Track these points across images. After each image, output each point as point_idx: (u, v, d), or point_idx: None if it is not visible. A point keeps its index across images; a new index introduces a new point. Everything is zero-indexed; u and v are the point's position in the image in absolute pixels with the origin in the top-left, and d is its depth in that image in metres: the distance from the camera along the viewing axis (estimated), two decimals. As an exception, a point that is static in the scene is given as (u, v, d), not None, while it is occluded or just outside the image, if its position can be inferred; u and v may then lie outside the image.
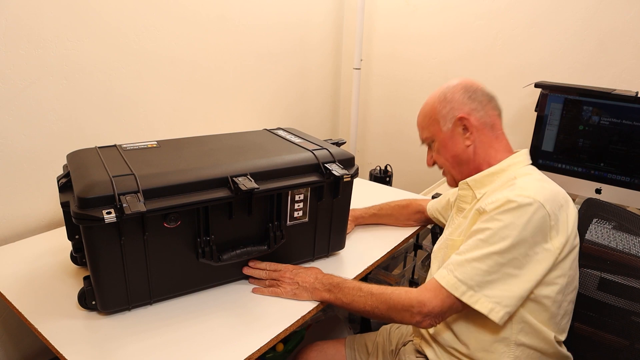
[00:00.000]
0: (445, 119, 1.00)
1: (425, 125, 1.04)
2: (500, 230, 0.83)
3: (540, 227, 0.82)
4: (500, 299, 0.82)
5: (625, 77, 1.65)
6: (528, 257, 0.82)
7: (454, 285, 0.84)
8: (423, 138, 1.07)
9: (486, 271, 0.83)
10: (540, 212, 0.82)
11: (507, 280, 0.83)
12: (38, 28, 1.22)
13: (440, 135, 1.02)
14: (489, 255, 0.83)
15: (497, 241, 0.83)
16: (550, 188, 0.88)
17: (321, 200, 1.08)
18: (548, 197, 0.84)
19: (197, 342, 0.88)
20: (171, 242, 0.94)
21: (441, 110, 1.01)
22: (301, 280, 1.01)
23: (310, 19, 2.11)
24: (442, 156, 1.03)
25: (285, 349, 1.46)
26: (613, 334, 0.99)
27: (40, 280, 1.06)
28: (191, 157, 1.02)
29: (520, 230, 0.81)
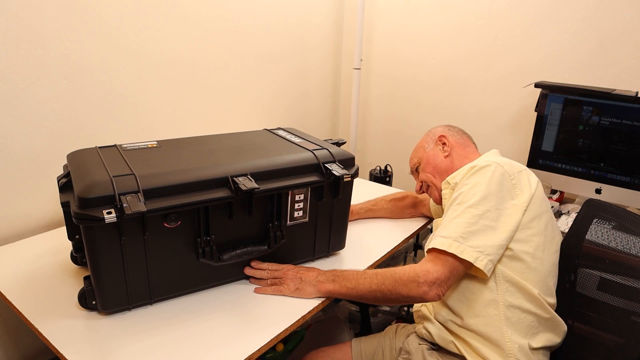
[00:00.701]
0: (429, 143, 1.24)
1: (414, 155, 1.28)
2: (470, 190, 0.96)
3: (502, 183, 0.96)
4: (482, 248, 0.90)
5: (625, 77, 1.65)
6: (499, 210, 0.94)
7: (442, 242, 0.92)
8: (412, 165, 1.27)
9: (466, 223, 0.93)
10: (499, 170, 0.97)
11: (486, 231, 0.92)
12: (38, 28, 1.22)
13: (425, 155, 1.23)
14: (465, 210, 0.94)
15: (469, 198, 0.95)
16: (506, 159, 1.03)
17: (321, 200, 1.08)
18: (504, 162, 1.00)
19: (197, 342, 0.88)
20: (171, 242, 0.94)
21: (426, 139, 1.26)
22: (304, 276, 1.03)
23: (310, 19, 2.11)
24: (425, 172, 1.21)
25: (285, 349, 1.46)
26: (613, 334, 0.99)
27: (40, 280, 1.06)
28: (191, 157, 1.02)
29: (486, 186, 0.95)
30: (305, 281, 1.02)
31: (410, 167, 1.28)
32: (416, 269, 0.92)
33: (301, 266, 1.08)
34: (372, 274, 0.97)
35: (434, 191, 1.21)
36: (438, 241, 0.93)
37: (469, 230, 0.92)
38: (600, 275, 1.02)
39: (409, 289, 0.91)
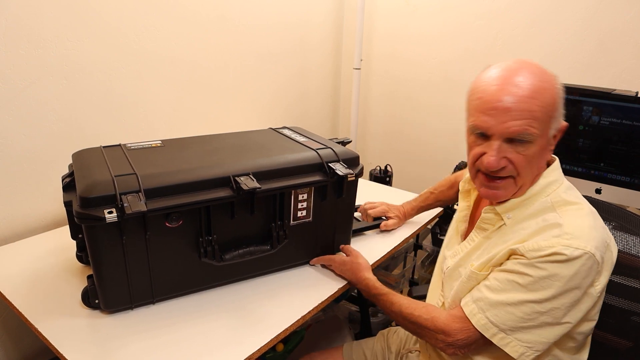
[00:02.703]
0: (555, 123, 0.81)
1: (542, 117, 0.77)
2: (543, 280, 0.75)
3: (587, 276, 0.75)
4: (532, 344, 0.78)
5: (625, 77, 1.65)
6: (570, 306, 0.76)
7: (485, 326, 0.80)
8: (526, 132, 0.77)
9: (521, 318, 0.77)
10: (589, 262, 0.74)
11: (543, 327, 0.77)
12: (38, 28, 1.22)
13: (544, 140, 0.80)
14: (526, 302, 0.77)
15: (538, 289, 0.76)
16: (598, 226, 0.79)
17: (325, 200, 1.08)
18: (598, 240, 0.76)
19: (198, 342, 0.88)
20: (173, 241, 0.93)
21: (558, 107, 0.81)
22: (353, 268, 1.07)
23: (310, 19, 2.11)
24: (531, 167, 0.82)
25: (285, 349, 1.46)
26: (614, 335, 0.99)
27: (42, 280, 1.06)
28: (194, 156, 1.02)
29: (566, 282, 0.74)
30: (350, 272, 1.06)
31: (513, 130, 0.77)
32: (438, 325, 0.85)
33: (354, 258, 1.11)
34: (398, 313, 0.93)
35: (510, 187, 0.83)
36: (481, 320, 0.81)
37: (523, 325, 0.78)
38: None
39: (429, 338, 0.88)
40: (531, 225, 0.82)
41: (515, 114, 0.77)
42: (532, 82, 0.77)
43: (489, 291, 0.82)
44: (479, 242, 0.91)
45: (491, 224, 0.90)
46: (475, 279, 0.87)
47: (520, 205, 0.85)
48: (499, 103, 0.77)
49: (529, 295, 0.77)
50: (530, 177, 0.83)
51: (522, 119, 0.77)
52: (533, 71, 0.79)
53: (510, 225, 0.85)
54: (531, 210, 0.83)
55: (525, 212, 0.84)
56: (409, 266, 1.91)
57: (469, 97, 0.85)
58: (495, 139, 0.80)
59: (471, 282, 0.88)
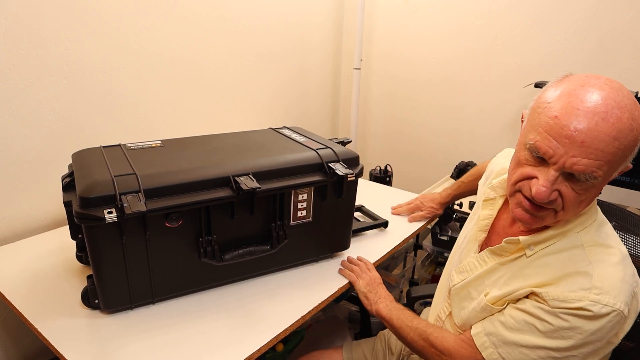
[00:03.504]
0: (625, 164, 0.71)
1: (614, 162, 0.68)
2: (564, 331, 0.71)
3: (612, 330, 0.70)
4: None
5: (625, 77, 1.65)
6: (588, 354, 0.72)
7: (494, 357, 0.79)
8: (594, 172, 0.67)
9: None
10: (617, 319, 0.69)
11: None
12: (38, 28, 1.22)
13: (605, 181, 0.71)
14: (542, 348, 0.73)
15: (557, 338, 0.71)
16: (629, 276, 0.72)
17: (325, 200, 1.08)
18: (627, 294, 0.70)
19: (198, 342, 0.88)
20: (173, 241, 0.93)
21: (634, 150, 0.69)
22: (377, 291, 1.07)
23: (310, 19, 2.11)
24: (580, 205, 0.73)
25: (285, 349, 1.46)
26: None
27: (42, 280, 1.06)
28: (194, 156, 1.02)
29: (588, 335, 0.69)
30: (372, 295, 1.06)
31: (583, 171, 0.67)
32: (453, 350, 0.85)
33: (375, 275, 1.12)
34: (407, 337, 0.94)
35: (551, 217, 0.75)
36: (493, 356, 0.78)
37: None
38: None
39: (433, 356, 0.89)
40: (555, 262, 0.76)
41: (589, 152, 0.66)
42: (622, 119, 0.65)
43: (503, 328, 0.78)
44: (493, 267, 0.86)
45: (509, 252, 0.84)
46: (489, 312, 0.83)
47: (544, 241, 0.79)
48: (576, 133, 0.66)
49: (546, 342, 0.72)
50: (573, 214, 0.75)
51: (595, 159, 0.66)
52: (626, 105, 0.66)
53: (532, 259, 0.80)
54: (558, 246, 0.77)
55: (552, 247, 0.78)
56: (409, 266, 1.91)
57: (539, 108, 0.73)
58: (554, 169, 0.70)
59: (485, 314, 0.84)
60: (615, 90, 0.67)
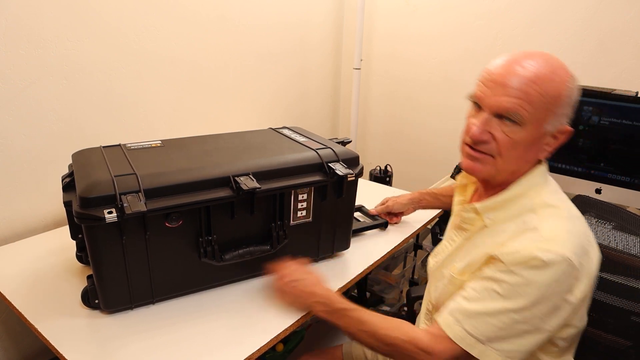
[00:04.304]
0: (555, 120, 0.78)
1: (536, 103, 0.75)
2: (520, 287, 0.74)
3: (565, 282, 0.73)
4: (510, 353, 0.75)
5: (625, 77, 1.65)
6: (548, 313, 0.74)
7: (462, 337, 0.77)
8: (516, 111, 0.76)
9: (499, 327, 0.75)
10: (567, 269, 0.72)
11: (522, 336, 0.75)
12: (38, 28, 1.22)
13: (536, 130, 0.78)
14: (503, 311, 0.75)
15: (515, 297, 0.74)
16: (576, 230, 0.77)
17: (325, 200, 1.08)
18: (576, 245, 0.74)
19: (198, 342, 0.88)
20: (173, 241, 0.93)
21: (563, 106, 0.77)
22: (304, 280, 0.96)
23: (310, 19, 2.11)
24: (514, 151, 0.79)
25: (285, 349, 1.46)
26: (613, 334, 0.99)
27: (42, 280, 1.06)
28: (194, 156, 1.02)
29: (543, 289, 0.72)
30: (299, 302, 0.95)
31: (503, 106, 0.76)
32: (416, 344, 0.79)
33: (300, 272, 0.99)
34: (368, 331, 0.84)
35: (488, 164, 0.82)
36: (458, 332, 0.77)
37: (501, 335, 0.75)
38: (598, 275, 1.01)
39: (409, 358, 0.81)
40: (511, 227, 0.80)
41: (510, 91, 0.76)
42: (540, 68, 0.75)
43: (465, 301, 0.79)
44: (461, 244, 0.91)
45: (472, 225, 0.88)
46: (455, 284, 0.86)
47: (501, 207, 0.83)
48: (497, 76, 0.77)
49: (506, 304, 0.75)
50: (511, 165, 0.81)
51: (515, 97, 0.75)
52: (549, 62, 0.76)
53: (491, 227, 0.84)
54: (512, 211, 0.82)
55: (505, 213, 0.83)
56: (409, 266, 1.91)
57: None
58: (485, 111, 0.79)
59: (451, 287, 0.87)
60: (545, 53, 0.78)
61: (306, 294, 0.93)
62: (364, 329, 0.85)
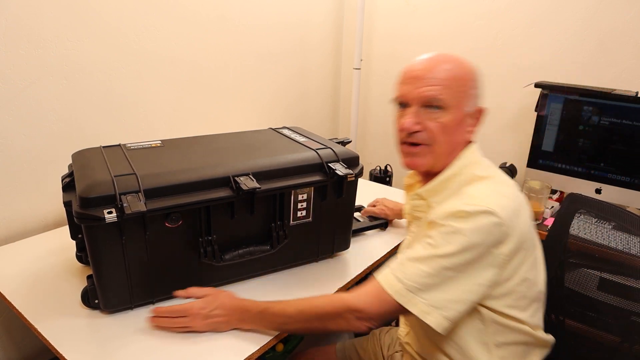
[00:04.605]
0: (471, 101, 0.87)
1: (451, 86, 0.84)
2: (447, 235, 0.78)
3: (490, 233, 0.77)
4: (437, 303, 0.77)
5: (625, 77, 1.65)
6: (474, 261, 0.77)
7: (391, 284, 0.80)
8: (435, 97, 0.84)
9: (428, 273, 0.78)
10: (491, 219, 0.77)
11: (448, 284, 0.78)
12: (38, 28, 1.22)
13: (458, 112, 0.85)
14: (432, 257, 0.78)
15: (443, 245, 0.78)
16: (506, 192, 0.83)
17: (325, 200, 1.08)
18: (503, 203, 0.79)
19: (198, 342, 0.88)
20: (173, 241, 0.93)
21: (473, 87, 0.87)
22: (215, 315, 0.90)
23: (310, 19, 2.11)
24: (445, 135, 0.86)
25: (285, 349, 1.46)
26: (614, 334, 0.99)
27: (42, 280, 1.06)
28: (194, 156, 1.02)
29: (468, 236, 0.77)
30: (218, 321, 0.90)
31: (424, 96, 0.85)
32: (348, 304, 0.82)
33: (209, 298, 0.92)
34: (295, 313, 0.86)
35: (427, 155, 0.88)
36: (389, 279, 0.81)
37: (428, 282, 0.78)
38: (587, 271, 1.02)
39: (339, 325, 0.83)
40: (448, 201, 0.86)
41: (427, 81, 0.84)
42: (449, 59, 0.87)
43: (403, 256, 0.83)
44: (418, 231, 0.94)
45: (423, 211, 0.93)
46: None
47: (441, 188, 0.89)
48: (415, 72, 0.87)
49: (435, 251, 0.79)
50: (446, 148, 0.87)
51: (435, 85, 0.84)
52: (450, 57, 0.88)
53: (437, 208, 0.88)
54: (451, 190, 0.88)
55: (446, 193, 0.88)
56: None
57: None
58: (412, 105, 0.87)
59: None
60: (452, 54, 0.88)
61: (226, 319, 0.91)
62: (291, 315, 0.87)
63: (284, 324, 0.88)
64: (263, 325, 0.90)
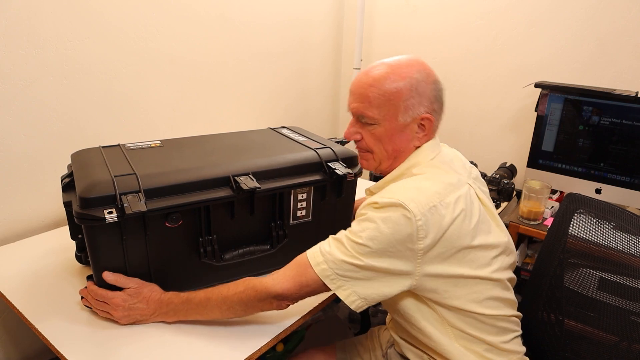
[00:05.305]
0: (407, 112, 0.89)
1: (378, 103, 0.89)
2: (362, 221, 0.83)
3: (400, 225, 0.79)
4: (341, 271, 0.82)
5: (625, 77, 1.65)
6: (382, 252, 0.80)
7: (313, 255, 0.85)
8: (363, 114, 0.90)
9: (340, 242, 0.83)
10: (402, 213, 0.79)
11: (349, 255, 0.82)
12: (38, 28, 1.22)
13: (392, 124, 0.90)
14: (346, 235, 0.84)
15: (355, 225, 0.84)
16: (427, 189, 0.83)
17: (324, 200, 1.08)
18: (414, 197, 0.81)
19: (197, 342, 0.88)
20: (173, 241, 0.93)
21: (408, 99, 0.89)
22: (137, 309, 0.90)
23: (310, 19, 2.11)
24: (381, 144, 0.92)
25: (285, 349, 1.46)
26: (613, 334, 0.99)
27: (42, 280, 1.06)
28: (194, 156, 1.02)
29: (378, 224, 0.80)
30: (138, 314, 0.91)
31: (357, 111, 0.92)
32: (270, 290, 0.85)
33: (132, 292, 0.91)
34: (219, 302, 0.88)
35: (373, 163, 0.97)
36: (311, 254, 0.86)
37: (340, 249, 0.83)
38: (586, 271, 1.02)
39: (262, 309, 0.88)
40: None
41: (356, 97, 0.92)
42: (381, 72, 0.89)
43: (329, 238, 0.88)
44: None
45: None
46: None
47: (387, 186, 0.92)
48: (352, 86, 0.93)
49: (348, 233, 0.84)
50: (384, 154, 0.94)
51: (359, 102, 0.91)
52: (392, 65, 0.90)
53: None
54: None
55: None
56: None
57: None
58: (353, 116, 0.95)
59: None
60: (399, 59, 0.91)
61: (148, 312, 0.91)
62: (214, 304, 0.89)
63: (208, 312, 0.90)
64: (187, 315, 0.91)
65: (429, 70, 0.93)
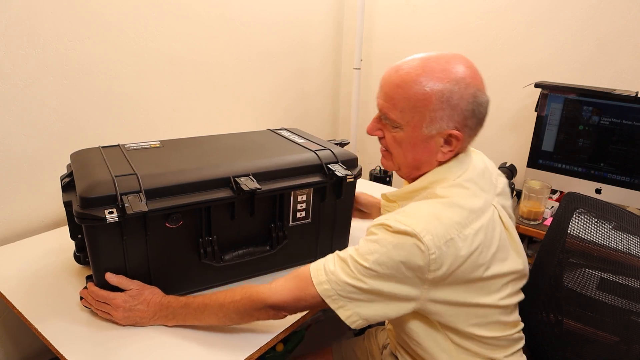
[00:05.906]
0: (433, 123, 0.80)
1: (402, 107, 0.81)
2: (370, 241, 0.78)
3: (409, 254, 0.74)
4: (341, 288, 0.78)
5: (625, 77, 1.65)
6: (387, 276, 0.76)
7: (317, 270, 0.81)
8: (386, 114, 0.83)
9: (343, 262, 0.79)
10: (414, 242, 0.73)
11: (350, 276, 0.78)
12: (38, 28, 1.22)
13: (415, 132, 0.82)
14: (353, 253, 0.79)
15: (363, 245, 0.79)
16: (446, 218, 0.77)
17: (324, 201, 1.08)
18: (435, 228, 0.75)
19: (197, 342, 0.88)
20: (173, 242, 0.94)
21: (436, 110, 0.79)
22: (137, 310, 0.90)
23: (310, 19, 2.11)
24: (401, 150, 0.86)
25: (285, 349, 1.46)
26: (613, 334, 0.99)
27: (41, 280, 1.06)
28: (194, 157, 1.02)
29: (388, 249, 0.75)
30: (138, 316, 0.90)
31: (383, 110, 0.85)
32: (267, 301, 0.83)
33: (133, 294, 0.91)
34: (216, 308, 0.87)
35: (392, 165, 0.91)
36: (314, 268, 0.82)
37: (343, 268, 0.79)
38: (586, 271, 1.02)
39: (258, 318, 0.87)
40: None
41: (382, 94, 0.84)
42: (411, 72, 0.80)
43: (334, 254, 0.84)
44: None
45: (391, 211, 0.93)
46: None
47: (408, 197, 0.90)
48: (381, 81, 0.85)
49: (358, 248, 0.79)
50: (404, 161, 0.87)
51: (384, 100, 0.83)
52: (426, 65, 0.79)
53: None
54: (414, 201, 0.87)
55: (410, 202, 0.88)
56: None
57: None
58: (378, 111, 0.87)
59: None
60: (438, 57, 0.80)
61: (148, 315, 0.91)
62: (211, 310, 0.88)
63: (205, 318, 0.89)
64: (186, 320, 0.90)
65: (470, 78, 0.79)
